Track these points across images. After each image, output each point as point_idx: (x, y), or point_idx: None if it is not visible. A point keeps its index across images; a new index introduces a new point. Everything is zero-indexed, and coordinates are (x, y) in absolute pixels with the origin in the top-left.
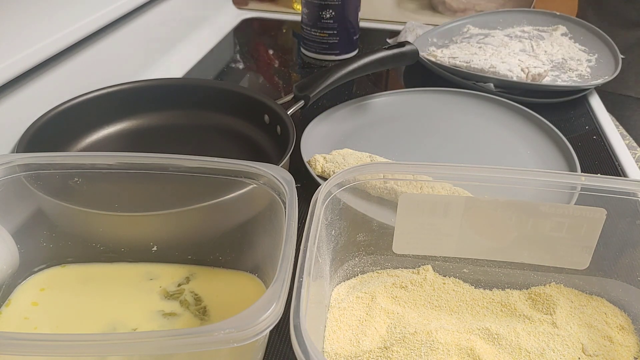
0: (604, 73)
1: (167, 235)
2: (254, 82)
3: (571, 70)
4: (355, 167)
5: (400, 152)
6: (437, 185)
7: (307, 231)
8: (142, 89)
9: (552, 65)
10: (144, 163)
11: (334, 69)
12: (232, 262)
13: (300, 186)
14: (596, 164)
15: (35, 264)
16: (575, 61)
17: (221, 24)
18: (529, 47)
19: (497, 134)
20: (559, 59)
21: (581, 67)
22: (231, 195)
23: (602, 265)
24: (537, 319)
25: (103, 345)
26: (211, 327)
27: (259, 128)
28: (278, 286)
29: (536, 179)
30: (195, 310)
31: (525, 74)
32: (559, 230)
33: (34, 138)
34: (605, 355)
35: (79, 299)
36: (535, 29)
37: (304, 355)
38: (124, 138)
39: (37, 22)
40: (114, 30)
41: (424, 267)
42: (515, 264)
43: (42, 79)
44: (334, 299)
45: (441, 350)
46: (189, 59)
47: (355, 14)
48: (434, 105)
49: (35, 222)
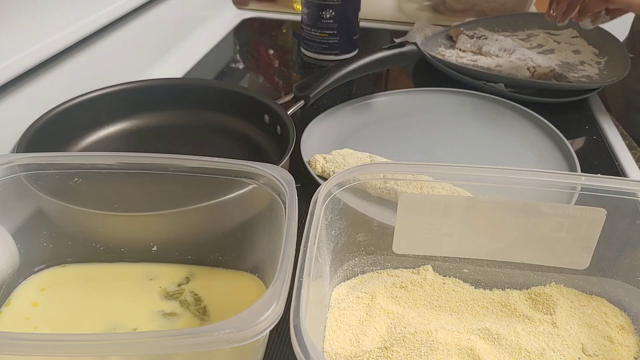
0: (612, 74)
1: (167, 235)
2: (254, 82)
3: (580, 70)
4: (355, 167)
5: (400, 152)
6: (437, 185)
7: (307, 231)
8: (142, 89)
9: (560, 66)
10: (144, 163)
11: (334, 69)
12: (232, 262)
13: (300, 186)
14: (596, 164)
15: (35, 264)
16: (586, 62)
17: (221, 24)
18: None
19: (497, 134)
20: (568, 59)
21: (590, 68)
22: (231, 195)
23: (602, 265)
24: (537, 319)
25: (103, 345)
26: (211, 327)
27: (259, 128)
28: (278, 286)
29: (536, 179)
30: (195, 310)
31: (531, 73)
32: (559, 230)
33: (34, 138)
34: (605, 355)
35: (79, 299)
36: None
37: (304, 355)
38: (124, 138)
39: (37, 22)
40: (114, 30)
41: (424, 267)
42: (515, 264)
43: (42, 79)
44: (334, 299)
45: (441, 350)
46: (189, 59)
47: (355, 14)
48: (434, 106)
49: (35, 222)
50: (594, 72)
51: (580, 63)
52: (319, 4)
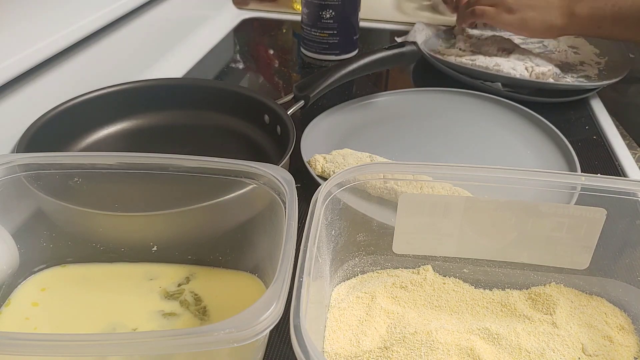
0: (612, 75)
1: (167, 235)
2: (254, 82)
3: (579, 71)
4: (355, 167)
5: (400, 152)
6: (437, 185)
7: (307, 231)
8: (142, 89)
9: (560, 66)
10: (144, 163)
11: (334, 69)
12: (232, 262)
13: (300, 186)
14: (596, 164)
15: (35, 264)
16: (585, 62)
17: (221, 24)
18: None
19: (497, 134)
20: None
21: (590, 68)
22: (231, 195)
23: (602, 265)
24: (537, 319)
25: (103, 345)
26: (211, 327)
27: (259, 128)
28: (278, 286)
29: (536, 179)
30: (195, 310)
31: (529, 73)
32: (559, 230)
33: (34, 138)
34: (605, 355)
35: (79, 299)
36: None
37: (304, 355)
38: (124, 138)
39: (37, 22)
40: (114, 30)
41: (424, 267)
42: (515, 264)
43: (42, 79)
44: (334, 299)
45: (441, 350)
46: (189, 59)
47: (355, 14)
48: (434, 106)
49: (35, 222)
50: (593, 73)
51: (579, 63)
52: (319, 4)
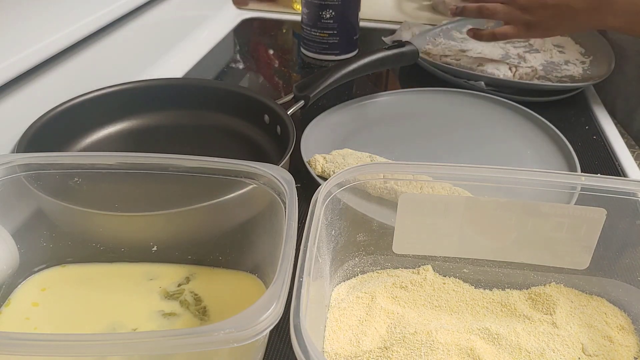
0: (596, 74)
1: (167, 235)
2: (254, 82)
3: (564, 70)
4: (355, 167)
5: (400, 152)
6: (437, 185)
7: (307, 231)
8: (142, 89)
9: (544, 65)
10: (144, 163)
11: (334, 69)
12: (232, 262)
13: (300, 186)
14: (596, 163)
15: (35, 264)
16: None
17: (221, 24)
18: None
19: (497, 134)
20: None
21: (574, 67)
22: (231, 195)
23: (602, 265)
24: (537, 319)
25: (103, 345)
26: (211, 327)
27: (259, 128)
28: (278, 286)
29: (536, 179)
30: (195, 310)
31: (512, 73)
32: (559, 230)
33: (34, 138)
34: (605, 355)
35: (79, 299)
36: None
37: (304, 355)
38: (124, 138)
39: (37, 22)
40: (114, 30)
41: (424, 267)
42: (515, 264)
43: (42, 79)
44: (334, 299)
45: (441, 350)
46: (189, 59)
47: (355, 14)
48: (435, 105)
49: (35, 222)
50: (577, 72)
51: (564, 62)
52: (319, 4)
